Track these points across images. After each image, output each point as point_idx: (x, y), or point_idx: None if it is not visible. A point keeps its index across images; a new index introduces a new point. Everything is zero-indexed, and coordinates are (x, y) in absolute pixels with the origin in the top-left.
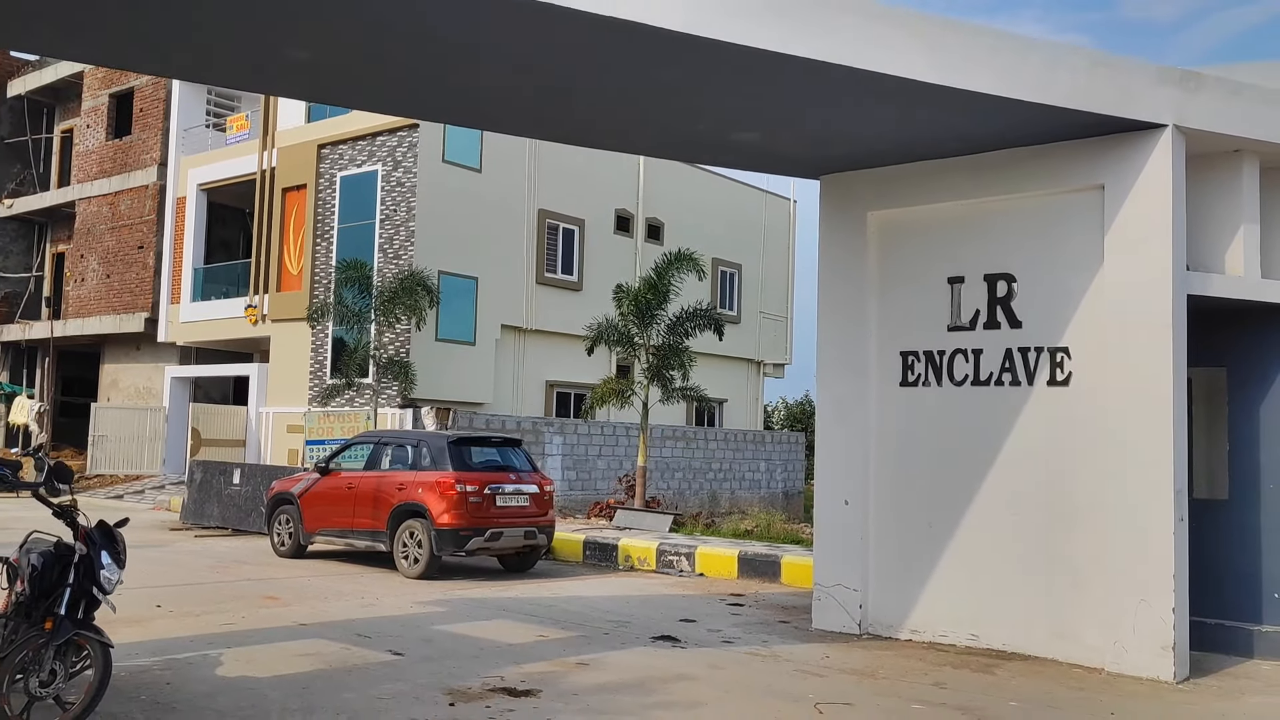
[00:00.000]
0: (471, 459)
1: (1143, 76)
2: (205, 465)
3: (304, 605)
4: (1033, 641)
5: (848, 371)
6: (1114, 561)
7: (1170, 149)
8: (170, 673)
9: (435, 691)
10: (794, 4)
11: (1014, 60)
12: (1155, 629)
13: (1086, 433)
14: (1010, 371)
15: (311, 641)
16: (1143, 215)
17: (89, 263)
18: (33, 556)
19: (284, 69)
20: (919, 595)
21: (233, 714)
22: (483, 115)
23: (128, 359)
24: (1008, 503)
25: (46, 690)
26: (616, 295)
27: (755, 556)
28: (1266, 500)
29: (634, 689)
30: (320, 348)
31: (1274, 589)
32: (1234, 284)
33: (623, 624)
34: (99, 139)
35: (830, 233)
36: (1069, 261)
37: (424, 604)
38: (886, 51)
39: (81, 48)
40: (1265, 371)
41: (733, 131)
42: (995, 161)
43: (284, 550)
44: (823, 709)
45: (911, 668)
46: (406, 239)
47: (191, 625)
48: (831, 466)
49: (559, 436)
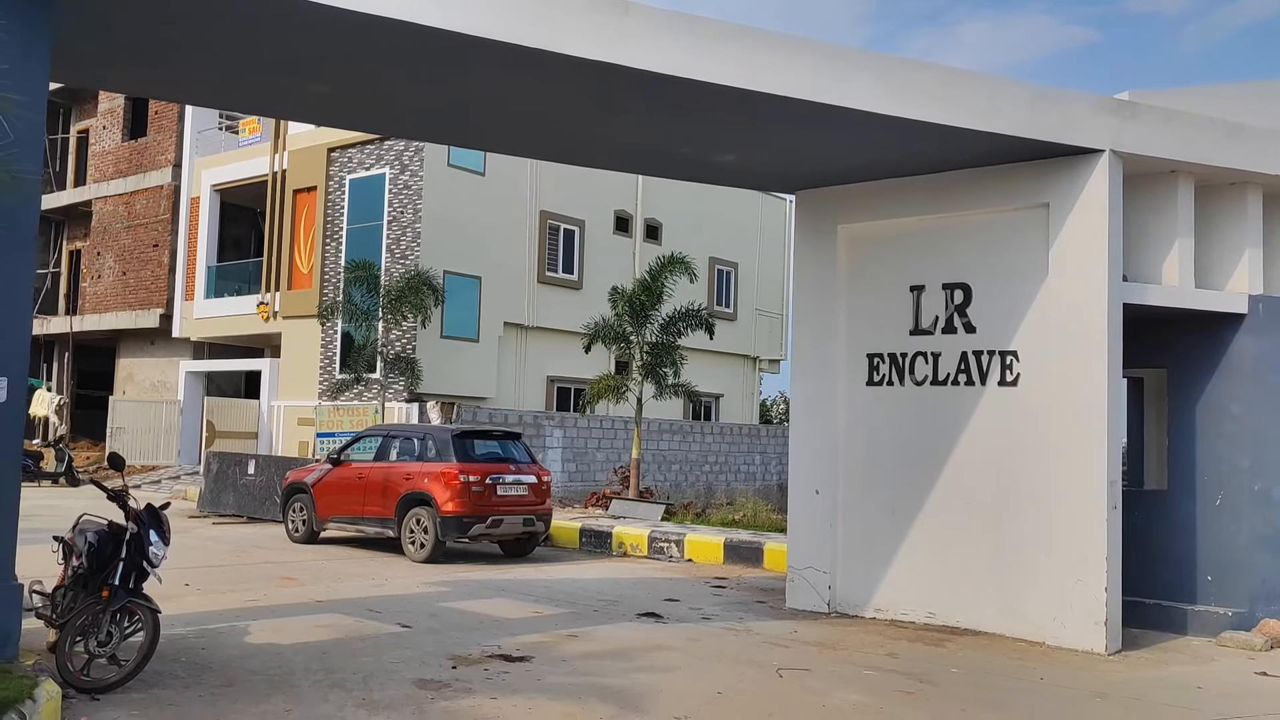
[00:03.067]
0: (474, 451)
1: (1081, 106)
2: (221, 456)
3: (320, 585)
4: (983, 619)
5: (819, 371)
6: (1055, 545)
7: (1107, 171)
8: (204, 640)
9: (440, 657)
10: (761, 47)
11: (962, 93)
12: (1090, 606)
13: (1032, 429)
14: (965, 373)
15: (328, 615)
16: (1082, 231)
17: (105, 260)
18: (88, 535)
19: (304, 100)
20: (882, 577)
21: (262, 673)
22: (483, 139)
23: (143, 353)
24: (962, 492)
25: (103, 650)
26: (612, 297)
27: (740, 543)
28: (1201, 491)
29: (617, 656)
30: (330, 344)
31: (1207, 572)
32: (1170, 293)
33: (612, 602)
34: (115, 140)
35: (804, 244)
36: (1018, 272)
37: (429, 584)
38: (845, 86)
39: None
40: (1200, 373)
41: (713, 154)
42: (951, 181)
43: (298, 536)
44: (783, 673)
45: (870, 641)
46: (413, 240)
47: (218, 601)
48: (804, 459)
49: (559, 430)
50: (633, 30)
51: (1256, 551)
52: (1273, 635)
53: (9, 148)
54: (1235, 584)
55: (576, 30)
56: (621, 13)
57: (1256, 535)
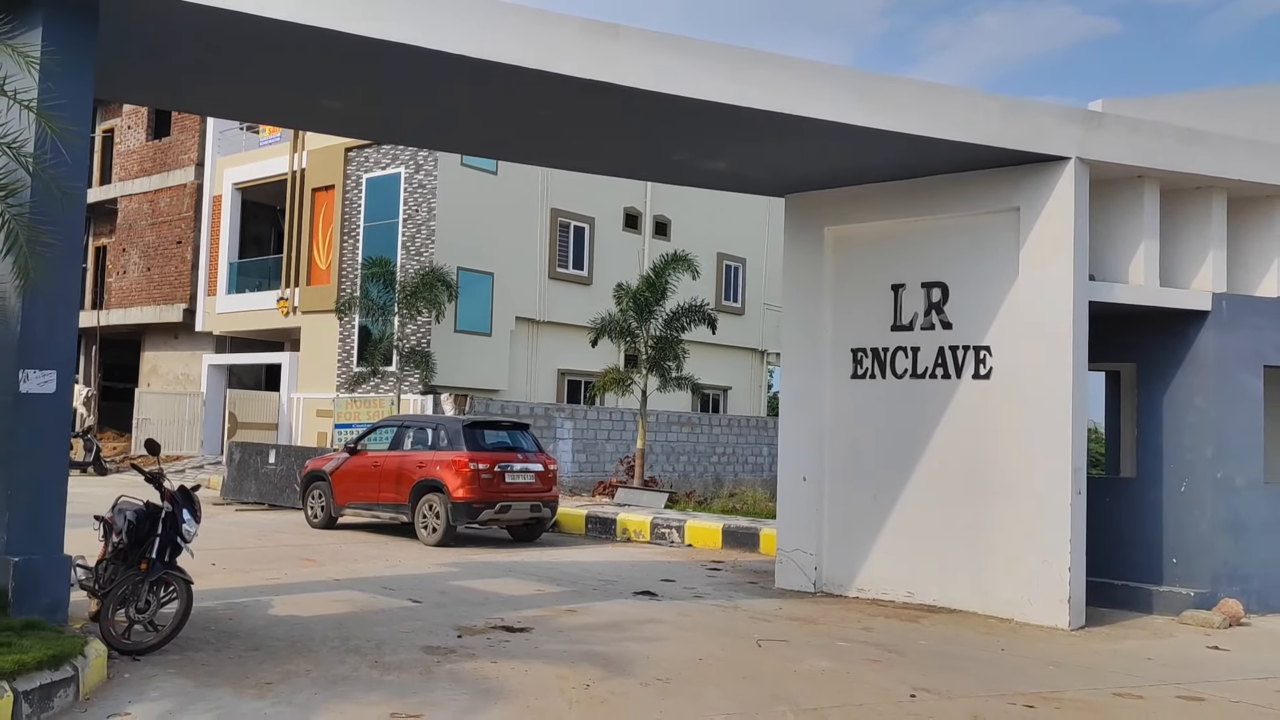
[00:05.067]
0: (484, 440)
1: (1049, 117)
2: (243, 446)
3: (337, 565)
4: (957, 597)
5: (806, 365)
6: (1023, 529)
7: (1073, 177)
8: (231, 612)
9: (447, 628)
10: (746, 64)
11: (936, 106)
12: (1054, 585)
13: (1003, 419)
14: (942, 366)
15: (345, 592)
16: (1050, 233)
17: (130, 256)
18: (127, 514)
19: (322, 113)
20: (865, 558)
21: (285, 640)
22: (485, 148)
23: (167, 347)
24: (939, 479)
25: (142, 616)
26: (617, 294)
27: (738, 529)
28: (1167, 478)
29: (610, 628)
30: (347, 338)
31: (1172, 555)
32: (1135, 292)
33: (611, 582)
34: (139, 139)
35: (793, 245)
36: (991, 272)
37: (440, 565)
38: (824, 101)
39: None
40: (1165, 367)
41: (704, 161)
42: (929, 186)
43: (317, 522)
44: (762, 643)
45: (849, 617)
46: (427, 237)
47: (243, 579)
48: (792, 447)
49: (569, 421)
50: (623, 52)
51: (1218, 535)
52: (1231, 613)
53: (59, 166)
54: (1198, 566)
55: (571, 52)
56: (612, 36)
57: (1218, 520)
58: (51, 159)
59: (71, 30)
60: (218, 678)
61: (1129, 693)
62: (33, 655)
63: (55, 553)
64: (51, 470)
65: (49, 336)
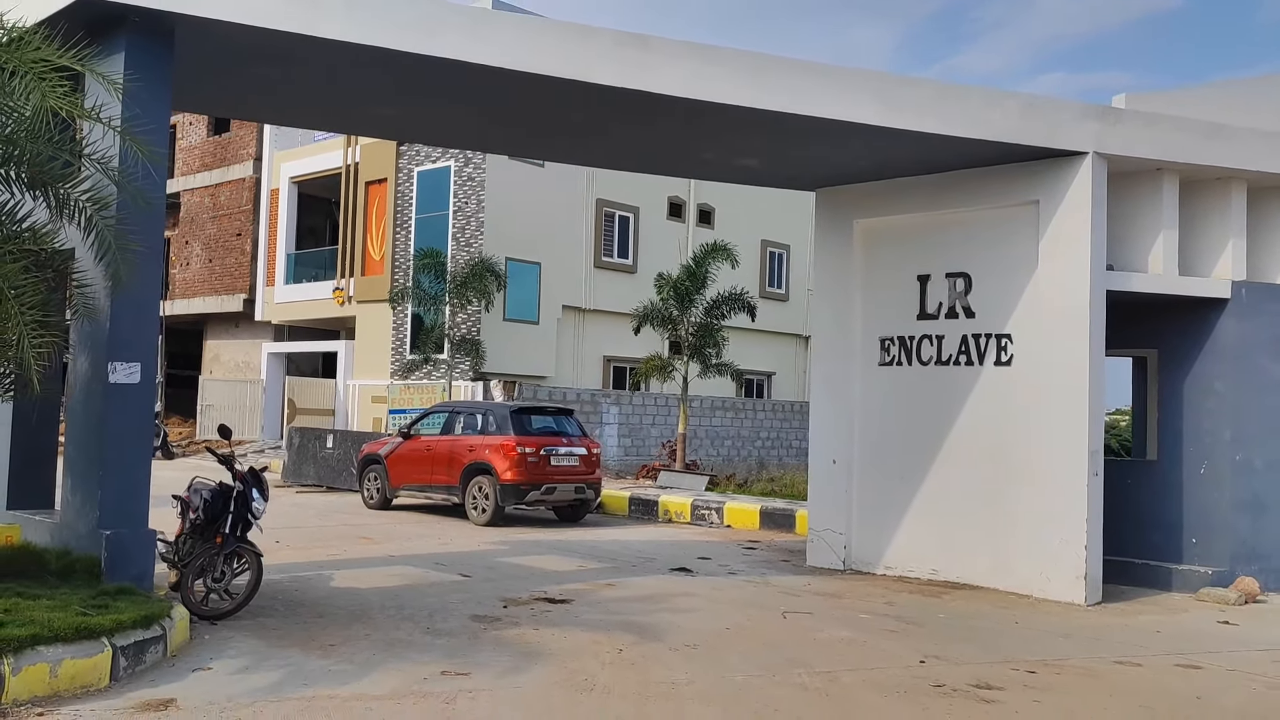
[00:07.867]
0: (530, 425)
1: (1067, 114)
2: (302, 431)
3: (392, 543)
4: (979, 575)
5: (836, 353)
6: (1043, 509)
7: (1090, 171)
8: (296, 584)
9: (493, 599)
10: (771, 70)
11: (954, 106)
12: (1072, 562)
13: (1023, 404)
14: (966, 354)
15: (399, 567)
16: (1068, 225)
17: (193, 248)
18: (203, 493)
19: (375, 120)
20: (892, 537)
21: (345, 608)
22: (527, 149)
23: (228, 336)
24: (962, 461)
25: (218, 585)
26: (658, 283)
27: (775, 510)
28: (1187, 461)
29: (645, 600)
30: (400, 327)
31: (1191, 535)
32: (1154, 280)
33: (649, 560)
34: (200, 135)
35: (824, 237)
36: (1012, 263)
37: (489, 543)
38: (845, 104)
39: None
40: (1186, 354)
41: (735, 159)
42: (952, 181)
43: (373, 503)
44: (787, 615)
45: (873, 593)
46: (477, 229)
47: (305, 555)
48: (822, 432)
49: (615, 406)
50: (653, 61)
51: (1236, 515)
52: (1248, 590)
53: (143, 179)
54: (1217, 545)
55: (604, 63)
56: (643, 47)
57: (1237, 500)
58: (135, 173)
59: (151, 55)
60: (287, 640)
61: (1129, 661)
62: (128, 615)
63: (141, 527)
64: (137, 453)
65: (134, 332)
